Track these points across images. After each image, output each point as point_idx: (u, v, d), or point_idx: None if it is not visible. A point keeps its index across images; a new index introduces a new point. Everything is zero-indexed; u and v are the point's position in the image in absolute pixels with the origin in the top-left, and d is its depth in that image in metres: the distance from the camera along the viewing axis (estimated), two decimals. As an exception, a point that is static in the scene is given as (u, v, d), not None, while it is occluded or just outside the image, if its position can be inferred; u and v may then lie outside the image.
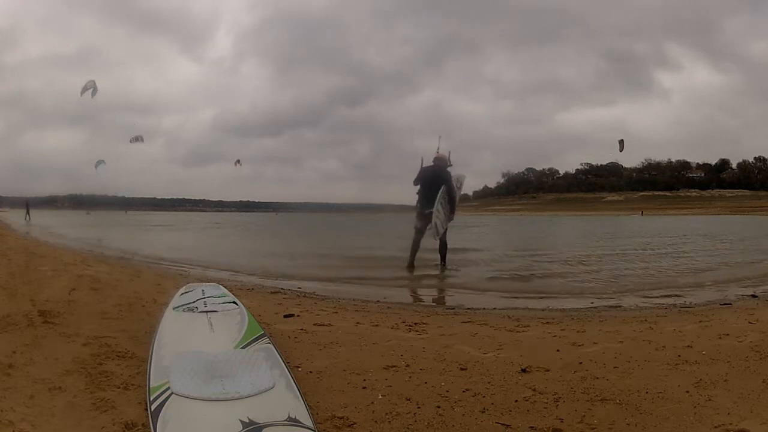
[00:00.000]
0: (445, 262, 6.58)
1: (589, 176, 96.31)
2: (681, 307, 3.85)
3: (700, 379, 1.98)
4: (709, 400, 1.78)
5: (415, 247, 6.64)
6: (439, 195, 6.48)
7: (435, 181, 6.54)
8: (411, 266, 6.50)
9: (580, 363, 2.23)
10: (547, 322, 3.26)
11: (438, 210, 6.51)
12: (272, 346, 2.01)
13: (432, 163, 6.67)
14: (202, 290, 2.80)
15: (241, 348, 2.02)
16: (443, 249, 6.61)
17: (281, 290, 4.62)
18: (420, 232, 6.61)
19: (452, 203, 6.52)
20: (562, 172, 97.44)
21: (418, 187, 6.65)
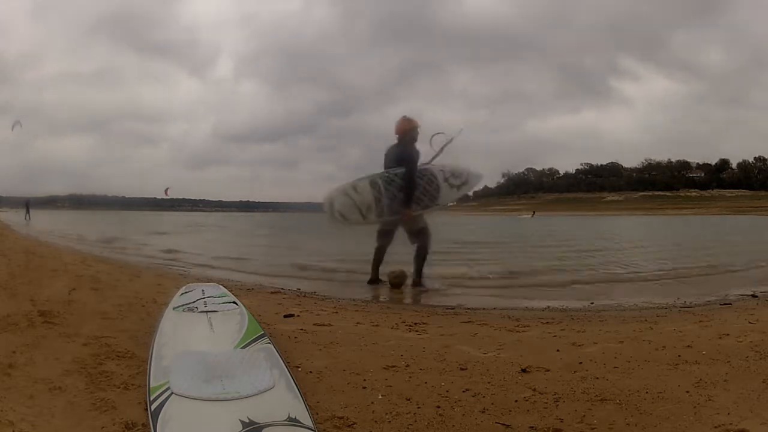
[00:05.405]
0: (421, 278, 4.80)
1: (589, 176, 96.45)
2: (681, 307, 3.85)
3: (700, 379, 1.98)
4: (709, 400, 1.78)
5: (379, 256, 4.89)
6: (375, 173, 4.64)
7: (396, 164, 4.72)
8: (375, 281, 4.89)
9: (580, 363, 2.23)
10: (547, 322, 3.25)
11: (355, 189, 4.58)
12: (272, 346, 2.01)
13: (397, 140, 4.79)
14: (202, 290, 2.80)
15: (241, 348, 2.02)
16: (419, 260, 4.80)
17: (281, 290, 4.62)
18: (384, 236, 4.83)
19: (408, 190, 4.60)
20: (561, 172, 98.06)
21: None
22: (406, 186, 4.58)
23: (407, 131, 4.72)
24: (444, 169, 4.86)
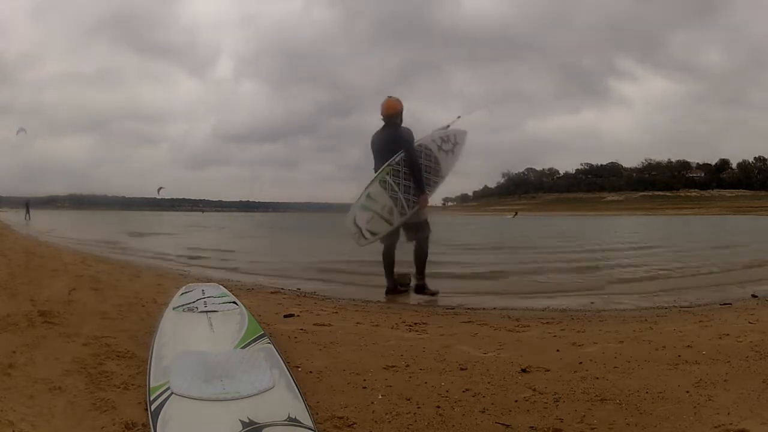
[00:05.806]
0: (423, 277, 4.39)
1: (589, 176, 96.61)
2: (681, 308, 3.85)
3: (700, 379, 1.98)
4: (709, 400, 1.78)
5: (389, 260, 4.40)
6: (380, 171, 4.22)
7: (389, 148, 4.26)
8: (393, 290, 4.42)
9: (580, 363, 2.23)
10: (547, 322, 3.25)
11: (370, 197, 4.18)
12: (272, 346, 2.01)
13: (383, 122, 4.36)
14: (202, 290, 2.80)
15: (241, 348, 2.02)
16: (420, 259, 4.36)
17: (281, 290, 4.62)
18: (388, 235, 4.31)
19: (417, 174, 4.23)
20: (561, 172, 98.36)
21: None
22: (412, 170, 4.24)
23: (398, 111, 4.36)
24: (433, 138, 4.56)
